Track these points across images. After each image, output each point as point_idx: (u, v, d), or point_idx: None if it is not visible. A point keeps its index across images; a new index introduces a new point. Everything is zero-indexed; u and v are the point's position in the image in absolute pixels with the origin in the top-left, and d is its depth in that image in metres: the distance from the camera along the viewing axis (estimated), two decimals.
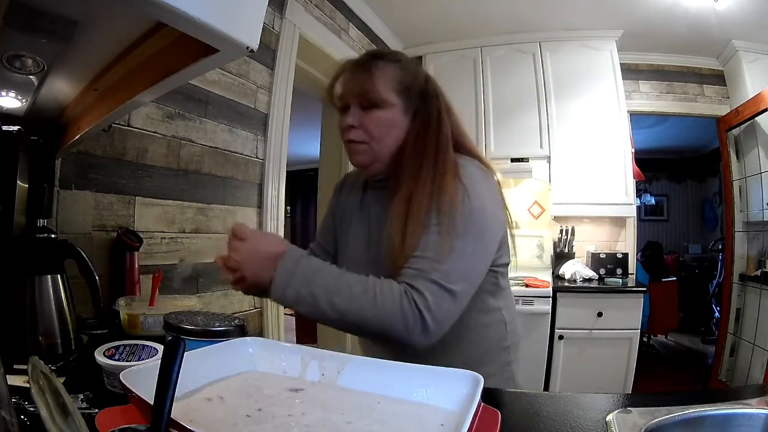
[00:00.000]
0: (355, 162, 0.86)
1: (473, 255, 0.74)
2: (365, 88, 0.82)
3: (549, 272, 2.85)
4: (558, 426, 0.56)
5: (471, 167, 0.80)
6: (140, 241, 1.30)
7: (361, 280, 0.70)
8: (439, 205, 0.74)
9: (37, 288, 0.80)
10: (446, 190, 0.74)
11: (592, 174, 2.86)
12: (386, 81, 0.82)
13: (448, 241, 0.71)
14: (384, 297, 0.67)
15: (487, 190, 0.79)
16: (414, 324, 0.67)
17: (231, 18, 0.60)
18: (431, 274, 0.69)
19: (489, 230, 0.77)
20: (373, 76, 0.82)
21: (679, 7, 2.48)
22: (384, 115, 0.82)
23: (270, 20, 1.90)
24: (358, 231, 0.92)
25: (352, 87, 0.83)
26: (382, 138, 0.83)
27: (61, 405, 0.41)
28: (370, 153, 0.84)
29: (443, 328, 0.70)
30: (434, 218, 0.73)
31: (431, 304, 0.67)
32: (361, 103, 0.83)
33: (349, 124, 0.83)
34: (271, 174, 1.94)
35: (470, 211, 0.73)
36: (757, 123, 2.76)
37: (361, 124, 0.82)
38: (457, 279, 0.70)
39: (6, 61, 0.69)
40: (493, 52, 3.07)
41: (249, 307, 1.83)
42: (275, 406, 0.50)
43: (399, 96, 0.83)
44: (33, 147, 0.84)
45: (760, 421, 0.57)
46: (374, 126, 0.82)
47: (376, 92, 0.81)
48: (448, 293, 0.69)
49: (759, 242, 2.84)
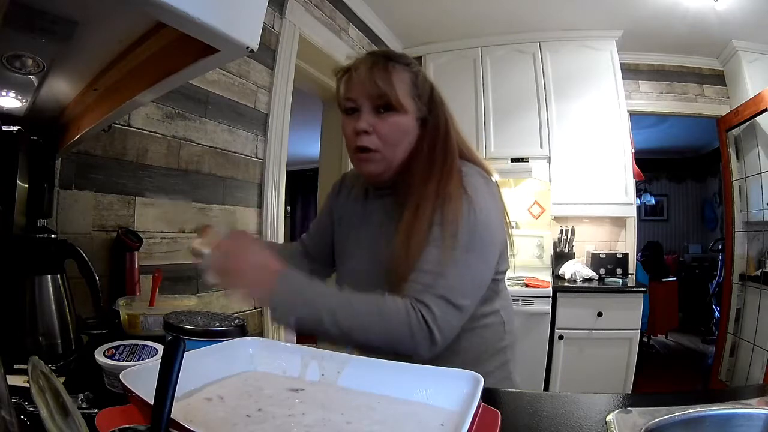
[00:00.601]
0: (365, 171, 0.82)
1: (478, 269, 0.74)
2: (385, 90, 0.76)
3: (549, 272, 2.85)
4: (558, 426, 0.56)
5: (474, 176, 0.78)
6: (140, 241, 1.30)
7: (364, 298, 0.69)
8: (443, 217, 0.72)
9: (37, 288, 0.80)
10: (450, 202, 0.73)
11: (592, 174, 2.86)
12: (403, 84, 0.78)
13: (454, 255, 0.70)
14: (390, 313, 0.67)
15: (491, 202, 0.78)
16: (422, 338, 0.66)
17: (231, 18, 0.60)
18: (438, 288, 0.69)
19: (493, 244, 0.77)
20: (392, 78, 0.77)
21: (679, 7, 2.48)
22: (400, 120, 0.78)
23: (270, 20, 1.90)
24: (360, 238, 0.90)
25: (369, 87, 0.77)
26: (396, 145, 0.78)
27: (61, 405, 0.41)
28: (382, 162, 0.79)
29: (448, 341, 0.70)
30: (439, 232, 0.72)
31: (438, 318, 0.67)
32: (377, 106, 0.78)
33: (362, 129, 0.77)
34: (271, 174, 1.94)
35: (475, 225, 0.73)
36: (757, 123, 2.76)
37: (375, 129, 0.77)
38: (463, 293, 0.71)
39: (6, 61, 0.69)
40: (493, 52, 3.07)
41: (249, 307, 1.83)
42: (275, 406, 0.50)
43: (413, 101, 0.79)
44: (33, 147, 0.84)
45: (760, 421, 0.57)
46: (390, 132, 0.77)
47: (396, 95, 0.76)
48: (455, 307, 0.69)
49: (759, 242, 2.84)
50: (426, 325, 0.67)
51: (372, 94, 0.77)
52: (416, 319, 0.67)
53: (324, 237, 0.99)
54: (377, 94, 0.77)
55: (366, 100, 0.78)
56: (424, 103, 0.81)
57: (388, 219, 0.83)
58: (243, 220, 1.84)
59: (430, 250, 0.72)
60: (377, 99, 0.77)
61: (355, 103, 0.79)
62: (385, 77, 0.77)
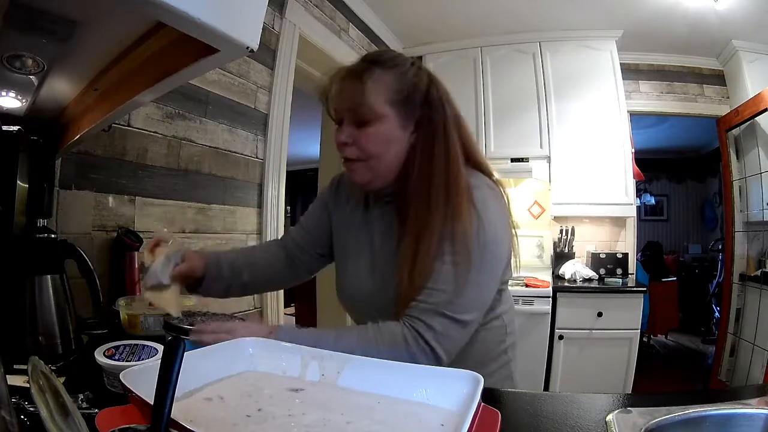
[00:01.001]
0: (354, 179, 0.81)
1: (486, 285, 0.74)
2: (355, 103, 0.75)
3: (549, 272, 2.85)
4: (558, 426, 0.56)
5: (483, 190, 0.76)
6: (140, 241, 1.30)
7: (362, 335, 0.69)
8: (453, 234, 0.71)
9: (37, 288, 0.80)
10: (460, 218, 0.72)
11: (592, 174, 2.86)
12: (380, 92, 0.75)
13: (463, 274, 0.70)
14: (388, 345, 0.67)
15: (500, 218, 0.77)
16: (425, 360, 0.66)
17: (231, 18, 0.60)
18: (444, 307, 0.68)
19: (501, 259, 0.77)
20: (364, 88, 0.75)
21: (679, 7, 2.48)
22: (378, 130, 0.76)
23: (270, 20, 1.90)
24: (360, 247, 0.87)
25: (344, 101, 0.77)
26: (379, 155, 0.77)
27: (61, 405, 0.41)
28: (367, 170, 0.78)
29: (453, 356, 0.70)
30: (448, 248, 0.71)
31: (440, 334, 0.67)
32: (354, 119, 0.77)
33: (342, 141, 0.77)
34: (271, 174, 1.94)
35: (485, 243, 0.72)
36: (757, 123, 2.76)
37: (354, 141, 0.77)
38: (469, 309, 0.71)
39: (6, 61, 0.69)
40: (493, 52, 3.07)
41: (249, 306, 1.83)
42: (275, 406, 0.50)
43: (394, 107, 0.76)
44: (33, 147, 0.84)
45: (760, 421, 0.57)
46: (368, 143, 0.76)
47: (367, 107, 0.75)
48: (459, 324, 0.69)
49: (759, 242, 2.84)
50: (427, 345, 0.67)
51: (346, 108, 0.77)
52: (415, 343, 0.67)
53: (320, 232, 0.96)
54: (349, 107, 0.77)
55: (345, 112, 0.78)
56: (417, 104, 0.77)
57: (389, 228, 0.82)
58: (243, 220, 1.84)
59: (437, 266, 0.71)
60: (351, 112, 0.77)
61: (337, 114, 0.79)
62: (356, 89, 0.75)
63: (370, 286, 0.83)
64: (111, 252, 1.27)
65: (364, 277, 0.84)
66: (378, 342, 0.67)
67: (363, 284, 0.84)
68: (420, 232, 0.73)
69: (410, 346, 0.67)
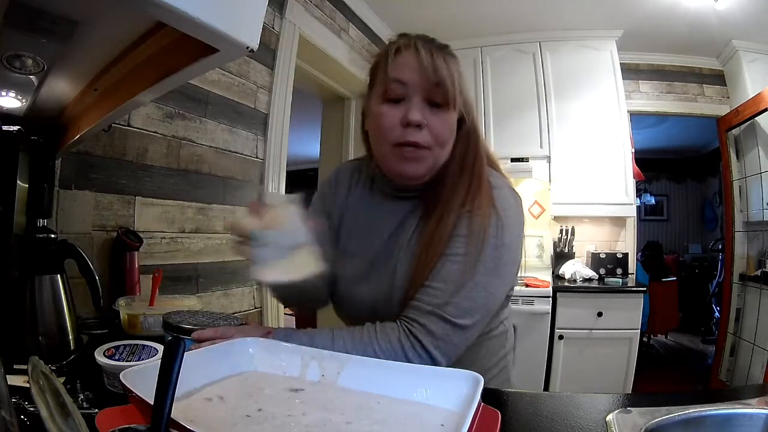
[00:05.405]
0: (409, 171, 0.71)
1: (494, 289, 0.69)
2: (446, 80, 0.67)
3: (549, 272, 2.85)
4: (558, 426, 0.56)
5: (505, 190, 0.72)
6: (140, 241, 1.30)
7: (358, 339, 0.66)
8: (470, 230, 0.67)
9: (37, 288, 0.80)
10: (479, 217, 0.67)
11: (592, 174, 2.86)
12: (456, 77, 0.69)
13: (473, 275, 0.66)
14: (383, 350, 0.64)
15: (518, 222, 0.72)
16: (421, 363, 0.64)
17: (231, 18, 0.60)
18: (444, 309, 0.65)
19: (514, 265, 0.73)
20: (453, 68, 0.68)
21: (679, 7, 2.48)
22: (451, 117, 0.70)
23: (270, 20, 1.90)
24: (362, 240, 0.82)
25: (430, 74, 0.67)
26: (445, 145, 0.70)
27: (61, 405, 0.41)
28: (430, 162, 0.70)
29: (452, 360, 0.67)
30: (462, 246, 0.67)
31: (438, 337, 0.65)
32: (430, 99, 0.68)
33: (417, 121, 0.66)
34: (271, 174, 1.94)
35: (501, 245, 0.68)
36: (757, 123, 2.76)
37: (427, 124, 0.68)
38: (469, 312, 0.66)
39: (6, 61, 0.69)
40: (493, 52, 3.07)
41: (249, 306, 1.83)
42: (275, 406, 0.50)
43: (459, 97, 0.71)
44: (33, 147, 0.84)
45: (760, 421, 0.57)
46: (443, 130, 0.68)
47: (453, 88, 0.67)
48: (460, 328, 0.65)
49: (759, 242, 2.84)
50: (424, 350, 0.64)
51: (431, 82, 0.67)
52: (411, 349, 0.64)
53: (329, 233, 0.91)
54: (436, 82, 0.67)
55: (420, 88, 0.68)
56: (462, 102, 0.73)
57: (404, 226, 0.77)
58: None
59: (447, 264, 0.67)
60: (434, 89, 0.67)
61: (405, 88, 0.68)
62: (445, 68, 0.67)
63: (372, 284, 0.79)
64: (111, 252, 1.27)
65: (364, 270, 0.80)
66: (374, 345, 0.65)
67: (364, 282, 0.81)
68: (435, 229, 0.69)
69: (407, 351, 0.64)
